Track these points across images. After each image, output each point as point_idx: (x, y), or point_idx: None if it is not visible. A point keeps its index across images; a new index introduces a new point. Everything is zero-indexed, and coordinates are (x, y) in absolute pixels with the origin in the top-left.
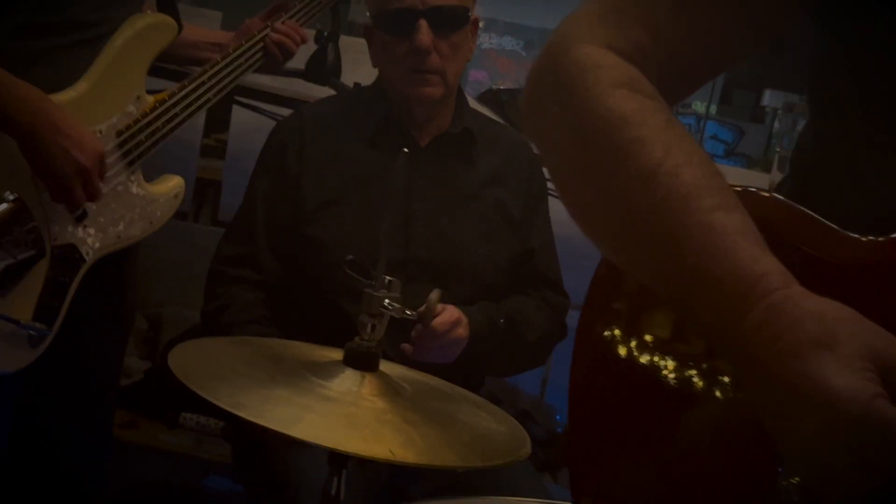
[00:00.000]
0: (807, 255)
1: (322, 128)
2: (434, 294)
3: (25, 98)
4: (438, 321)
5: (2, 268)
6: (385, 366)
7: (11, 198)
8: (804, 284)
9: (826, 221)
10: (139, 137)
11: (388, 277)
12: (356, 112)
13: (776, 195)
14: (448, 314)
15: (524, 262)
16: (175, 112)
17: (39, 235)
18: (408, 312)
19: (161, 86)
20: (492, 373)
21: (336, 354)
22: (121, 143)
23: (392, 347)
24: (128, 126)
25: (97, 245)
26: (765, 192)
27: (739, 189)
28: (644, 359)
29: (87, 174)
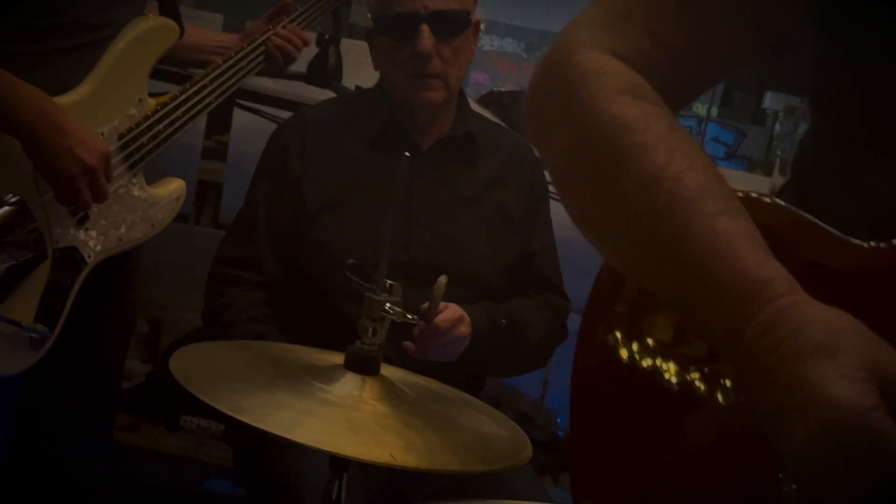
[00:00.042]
0: (809, 262)
1: (323, 131)
2: (441, 278)
3: (28, 99)
4: (441, 318)
5: (3, 270)
6: (386, 370)
7: (13, 200)
8: (806, 290)
9: (828, 227)
10: (141, 140)
11: (390, 281)
12: (358, 115)
13: (778, 201)
14: (451, 311)
15: (525, 265)
16: (177, 115)
17: (41, 238)
18: (409, 316)
19: (161, 88)
20: (493, 373)
21: (337, 358)
22: (123, 146)
23: (393, 351)
24: (130, 129)
25: (99, 248)
26: (766, 199)
27: (741, 195)
28: (646, 362)
29: (93, 174)
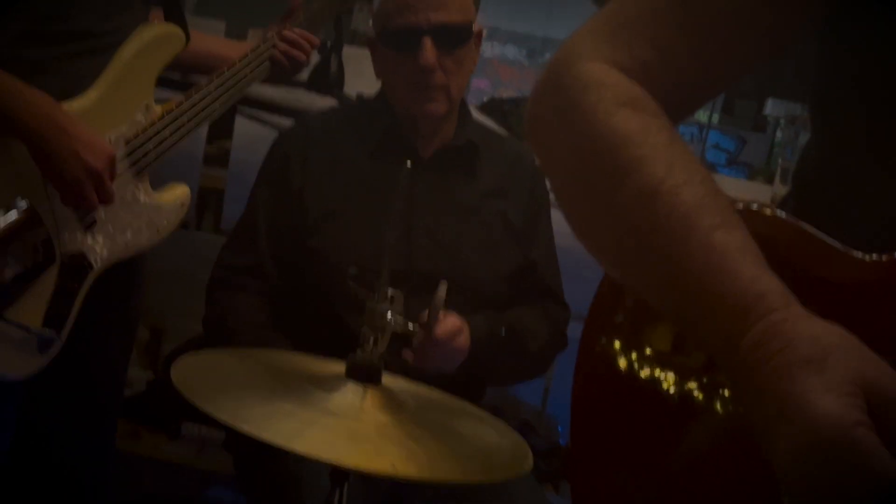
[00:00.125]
0: (810, 275)
1: (325, 139)
2: (441, 286)
3: (34, 104)
4: (440, 330)
5: (13, 275)
6: (387, 379)
7: (23, 206)
8: (806, 304)
9: (829, 240)
10: (147, 146)
11: (391, 290)
12: (359, 124)
13: (779, 214)
14: (450, 323)
15: (526, 274)
16: (183, 121)
17: (49, 243)
18: (410, 326)
19: (162, 95)
20: (493, 382)
21: (338, 367)
22: (129, 152)
23: (395, 359)
24: (136, 135)
25: (105, 253)
26: (767, 211)
27: (741, 208)
28: (645, 372)
29: (99, 177)
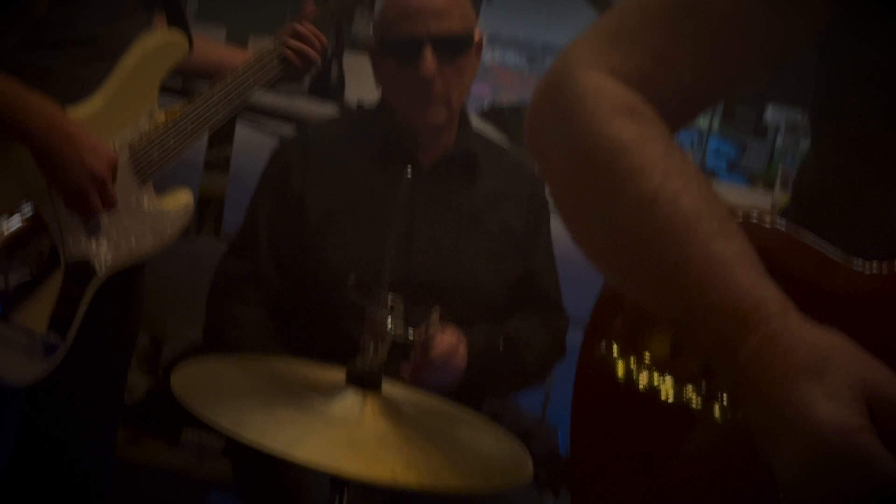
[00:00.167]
0: (809, 286)
1: (326, 148)
2: (434, 315)
3: (38, 109)
4: (435, 352)
5: (18, 280)
6: (387, 386)
7: (29, 211)
8: (805, 315)
9: (829, 252)
10: (151, 152)
11: (391, 299)
12: (360, 132)
13: (778, 225)
14: (446, 341)
15: (526, 283)
16: (186, 128)
17: (54, 248)
18: (410, 334)
19: (162, 101)
20: (490, 394)
21: (338, 375)
22: (133, 158)
23: (395, 367)
24: (140, 141)
25: (110, 259)
26: (766, 222)
27: (741, 219)
28: (643, 379)
29: (102, 182)
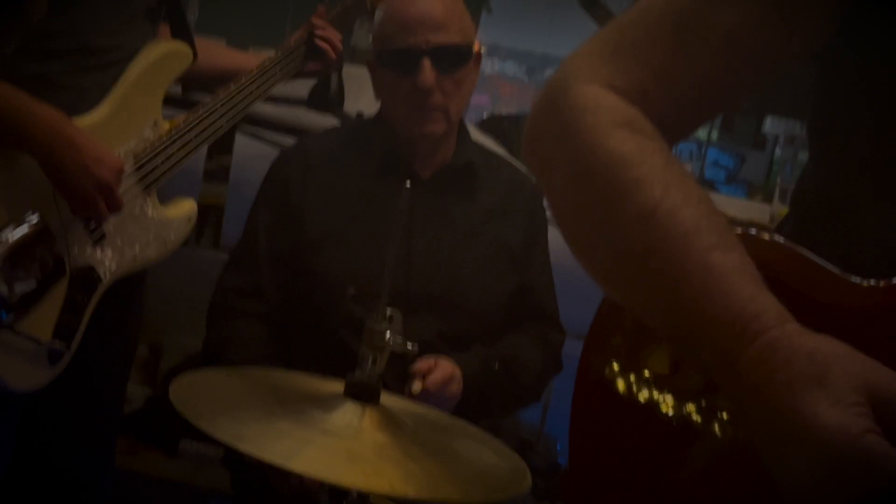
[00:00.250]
0: (807, 299)
1: (325, 161)
2: (415, 387)
3: (44, 118)
4: (431, 380)
5: (24, 288)
6: (386, 398)
7: (34, 220)
8: (804, 327)
9: (827, 265)
10: (156, 162)
11: (390, 311)
12: (359, 145)
13: (777, 238)
14: (440, 371)
15: (523, 296)
16: (190, 137)
17: (60, 256)
18: (409, 347)
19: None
20: (486, 417)
21: (337, 386)
22: (138, 167)
23: (393, 379)
24: (145, 150)
25: (114, 266)
26: (766, 236)
27: (740, 232)
28: (643, 394)
29: (108, 188)
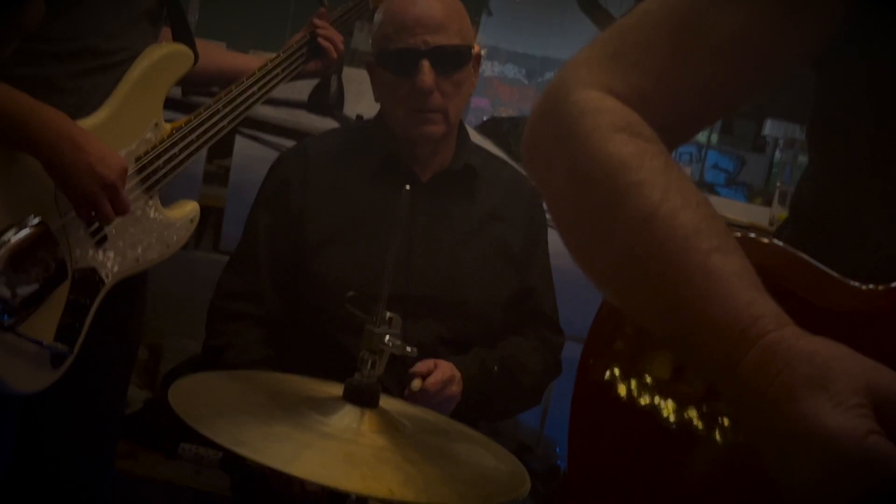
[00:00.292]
0: (806, 303)
1: (325, 163)
2: (415, 384)
3: (48, 120)
4: (430, 381)
5: (26, 291)
6: (385, 402)
7: (35, 222)
8: (804, 330)
9: (826, 269)
10: (157, 163)
11: (389, 314)
12: (359, 147)
13: (775, 242)
14: (440, 373)
15: (523, 300)
16: (191, 139)
17: (62, 258)
18: (408, 349)
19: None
20: (486, 419)
21: (336, 390)
22: (139, 169)
23: (393, 382)
24: (146, 153)
25: (116, 268)
26: (765, 239)
27: (739, 236)
28: (644, 400)
29: (113, 189)
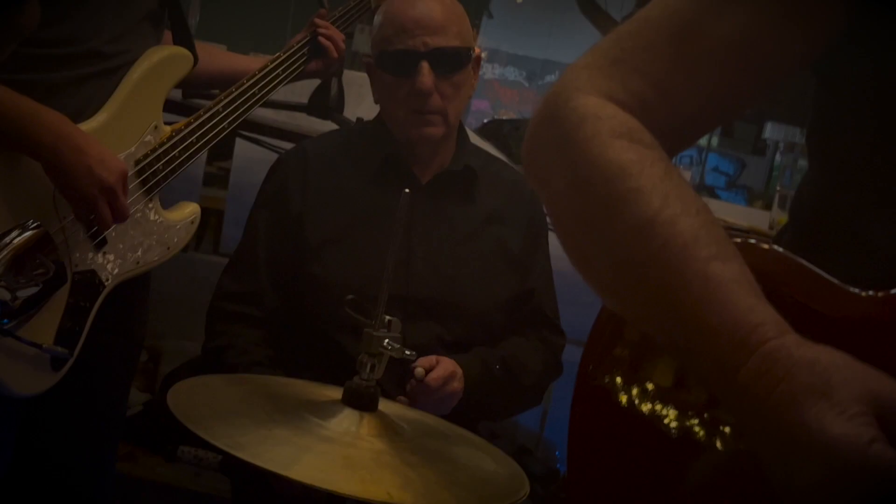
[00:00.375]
0: (806, 309)
1: (325, 165)
2: (419, 371)
3: (48, 122)
4: (432, 377)
5: (26, 294)
6: (384, 405)
7: (33, 225)
8: (802, 337)
9: (825, 275)
10: (157, 166)
11: (388, 317)
12: (358, 149)
13: (775, 247)
14: (442, 369)
15: (523, 301)
16: (191, 141)
17: (61, 261)
18: (407, 353)
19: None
20: (487, 418)
21: (335, 393)
22: (139, 171)
23: (392, 385)
24: (146, 155)
25: (116, 271)
26: (765, 245)
27: (739, 241)
28: (645, 407)
29: (112, 193)
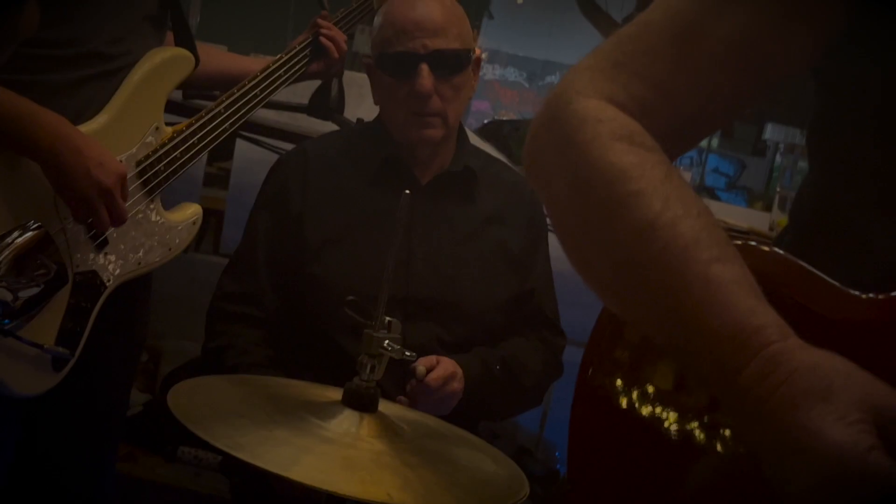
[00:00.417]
0: (806, 311)
1: (325, 166)
2: (420, 369)
3: (47, 124)
4: (432, 377)
5: (27, 295)
6: (384, 406)
7: (34, 226)
8: (803, 340)
9: (825, 277)
10: (158, 167)
11: (388, 318)
12: (358, 150)
13: (776, 249)
14: (442, 369)
15: (523, 302)
16: (192, 142)
17: (62, 262)
18: (407, 354)
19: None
20: (487, 418)
21: (335, 394)
22: (140, 173)
23: (392, 386)
24: (147, 156)
25: (118, 272)
26: (765, 247)
27: (740, 244)
28: (645, 410)
29: (110, 195)
